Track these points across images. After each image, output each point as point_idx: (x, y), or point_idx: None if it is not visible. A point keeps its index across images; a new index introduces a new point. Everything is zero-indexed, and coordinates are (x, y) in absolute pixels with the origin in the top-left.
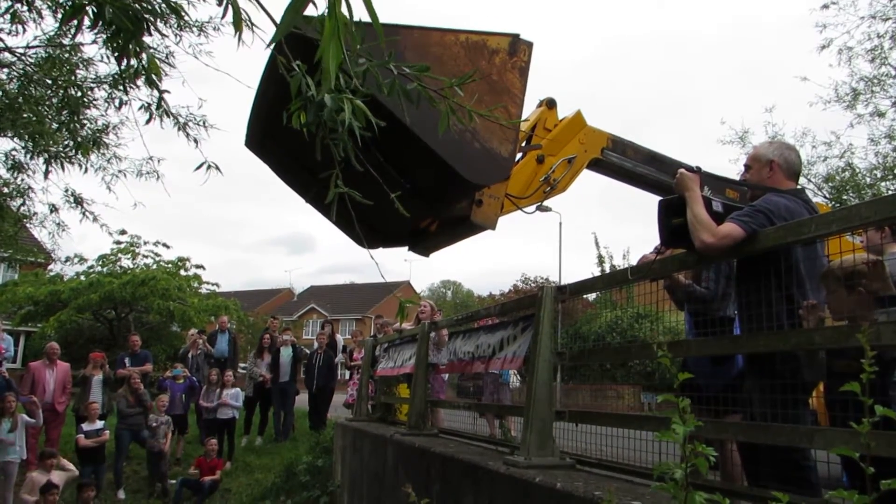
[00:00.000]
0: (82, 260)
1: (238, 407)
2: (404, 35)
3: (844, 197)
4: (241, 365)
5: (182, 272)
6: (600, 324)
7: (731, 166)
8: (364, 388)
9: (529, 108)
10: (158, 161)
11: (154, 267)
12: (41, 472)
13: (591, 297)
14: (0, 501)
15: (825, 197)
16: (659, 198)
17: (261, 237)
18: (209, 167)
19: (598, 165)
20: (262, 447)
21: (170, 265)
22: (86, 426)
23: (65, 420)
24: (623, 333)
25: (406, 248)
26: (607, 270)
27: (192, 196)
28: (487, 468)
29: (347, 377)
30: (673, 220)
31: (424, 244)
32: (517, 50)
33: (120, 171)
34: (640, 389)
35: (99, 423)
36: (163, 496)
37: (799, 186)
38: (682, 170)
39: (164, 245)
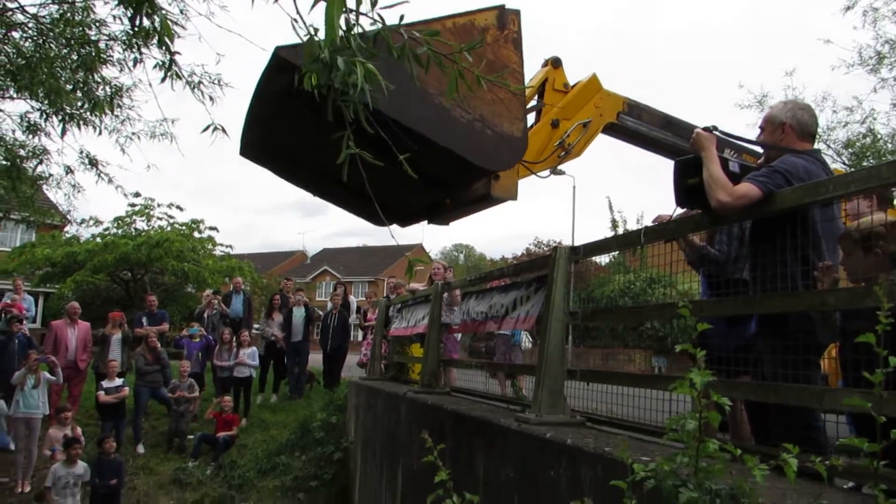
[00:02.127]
0: (97, 222)
1: (254, 366)
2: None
3: (864, 163)
4: (255, 326)
5: (196, 234)
6: (613, 288)
7: (749, 131)
8: (377, 347)
9: (532, 71)
10: (172, 122)
11: (168, 229)
12: (58, 428)
13: (604, 261)
14: (25, 454)
15: (844, 163)
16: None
17: (274, 200)
18: (215, 129)
19: (613, 130)
20: (277, 405)
21: (183, 227)
22: (106, 383)
23: (86, 377)
24: (635, 298)
25: (425, 222)
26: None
27: (205, 158)
28: (499, 425)
29: (361, 338)
30: (688, 180)
31: (443, 216)
32: (506, 22)
33: (134, 134)
34: (651, 354)
35: (118, 381)
36: (181, 451)
37: (815, 148)
38: (699, 129)
39: (178, 207)
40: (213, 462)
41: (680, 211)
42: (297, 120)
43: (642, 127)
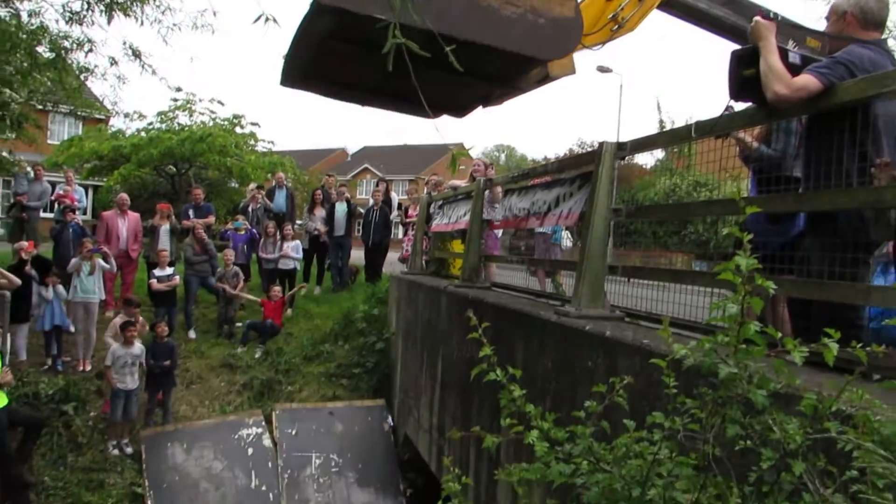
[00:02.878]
0: (141, 116)
1: (298, 258)
2: None
3: None
4: (298, 221)
5: (238, 129)
6: (657, 191)
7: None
8: (419, 243)
9: None
10: (214, 14)
11: (210, 124)
12: (123, 315)
13: (649, 163)
14: (85, 336)
15: None
16: (734, 46)
17: (315, 96)
18: (267, 19)
19: (669, 5)
20: (321, 296)
21: (225, 122)
22: (157, 272)
23: (138, 266)
24: (680, 201)
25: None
26: None
27: (248, 51)
28: (539, 317)
29: (401, 234)
30: (744, 71)
31: (498, 100)
32: None
33: (175, 24)
34: (692, 258)
35: (169, 269)
36: (229, 337)
37: (882, 38)
38: (758, 17)
39: (219, 102)
40: (261, 348)
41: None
42: (342, 50)
43: (701, 3)
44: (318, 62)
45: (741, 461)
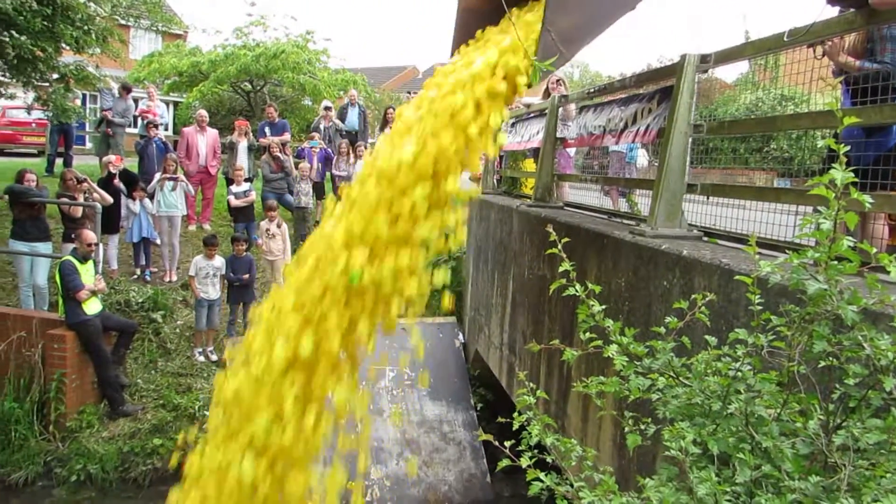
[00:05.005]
0: (217, 32)
1: None
2: None
3: None
4: (370, 140)
5: (310, 45)
6: (738, 107)
7: None
8: (490, 162)
9: None
10: None
11: (284, 40)
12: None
13: (730, 77)
14: (170, 247)
15: None
16: None
17: (384, 12)
18: None
19: None
20: None
21: (299, 38)
22: (234, 188)
23: (217, 182)
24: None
25: None
26: None
27: None
28: (613, 236)
29: None
30: None
31: None
32: None
33: None
34: (774, 175)
35: (246, 185)
36: None
37: None
38: None
39: (292, 17)
40: None
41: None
42: None
43: None
44: None
45: (824, 378)
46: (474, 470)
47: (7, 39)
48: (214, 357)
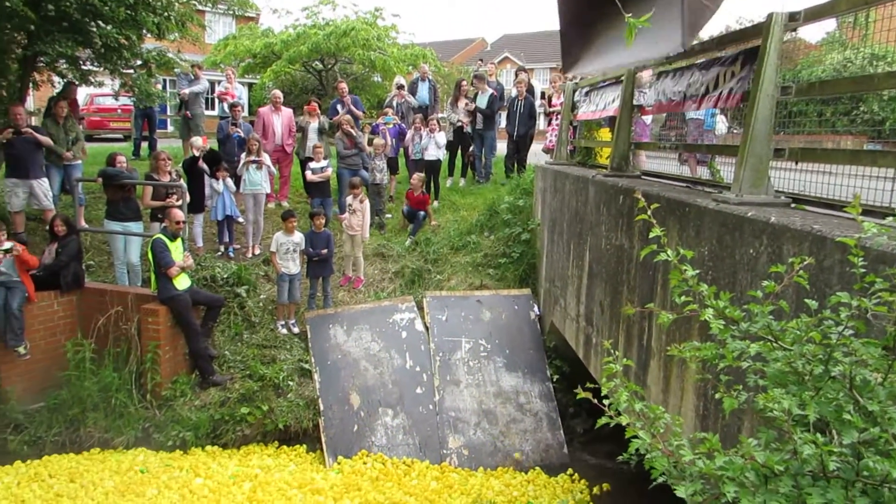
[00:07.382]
0: (288, 12)
1: (442, 148)
2: None
3: None
4: (440, 114)
5: (379, 21)
6: (825, 68)
7: None
8: (564, 132)
9: None
10: None
11: (353, 18)
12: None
13: (816, 37)
14: (254, 224)
15: None
16: None
17: None
18: None
19: None
20: (466, 188)
21: (367, 15)
22: (313, 164)
23: (293, 160)
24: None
25: None
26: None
27: None
28: (695, 204)
29: (545, 124)
30: None
31: None
32: None
33: None
34: (864, 140)
35: (323, 162)
36: (380, 228)
37: None
38: None
39: None
40: (411, 237)
41: None
42: None
43: None
44: None
45: None
46: (551, 440)
47: (95, 29)
48: (296, 329)
